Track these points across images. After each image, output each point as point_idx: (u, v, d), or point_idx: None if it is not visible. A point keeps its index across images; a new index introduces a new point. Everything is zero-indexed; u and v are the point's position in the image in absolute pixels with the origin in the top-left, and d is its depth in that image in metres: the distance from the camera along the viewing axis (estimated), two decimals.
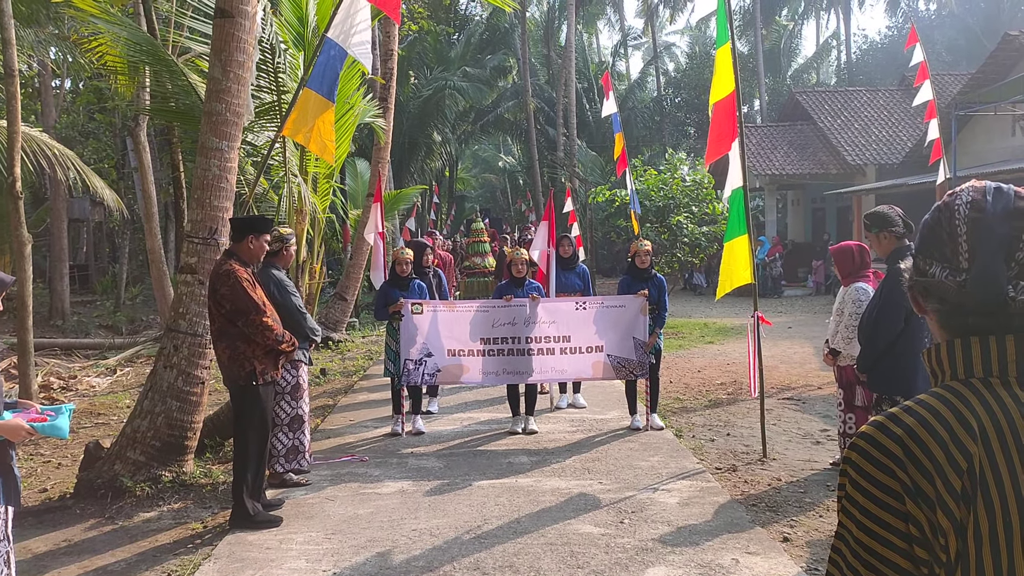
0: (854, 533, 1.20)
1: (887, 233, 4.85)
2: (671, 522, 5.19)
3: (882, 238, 4.88)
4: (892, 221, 4.85)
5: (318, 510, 5.62)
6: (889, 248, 4.87)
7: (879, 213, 4.92)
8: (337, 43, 6.63)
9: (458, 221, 42.33)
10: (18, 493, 3.58)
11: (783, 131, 26.39)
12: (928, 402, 1.21)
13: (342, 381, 10.92)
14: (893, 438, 1.18)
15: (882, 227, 4.87)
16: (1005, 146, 18.18)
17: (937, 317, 1.28)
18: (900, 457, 1.17)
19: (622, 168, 12.12)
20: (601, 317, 7.66)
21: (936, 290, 1.26)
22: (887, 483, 1.17)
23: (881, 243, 4.90)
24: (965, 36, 36.83)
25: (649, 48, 45.94)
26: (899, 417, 1.21)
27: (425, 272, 8.60)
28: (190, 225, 6.37)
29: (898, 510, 1.16)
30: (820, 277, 23.47)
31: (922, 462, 1.15)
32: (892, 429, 1.19)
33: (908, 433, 1.18)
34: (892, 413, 1.22)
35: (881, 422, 1.22)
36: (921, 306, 1.32)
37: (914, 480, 1.15)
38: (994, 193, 1.26)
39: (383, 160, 13.80)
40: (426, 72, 32.31)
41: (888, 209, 4.97)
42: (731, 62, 6.80)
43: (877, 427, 1.22)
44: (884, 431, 1.20)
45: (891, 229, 4.84)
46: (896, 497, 1.16)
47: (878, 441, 1.20)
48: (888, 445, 1.18)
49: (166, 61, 8.80)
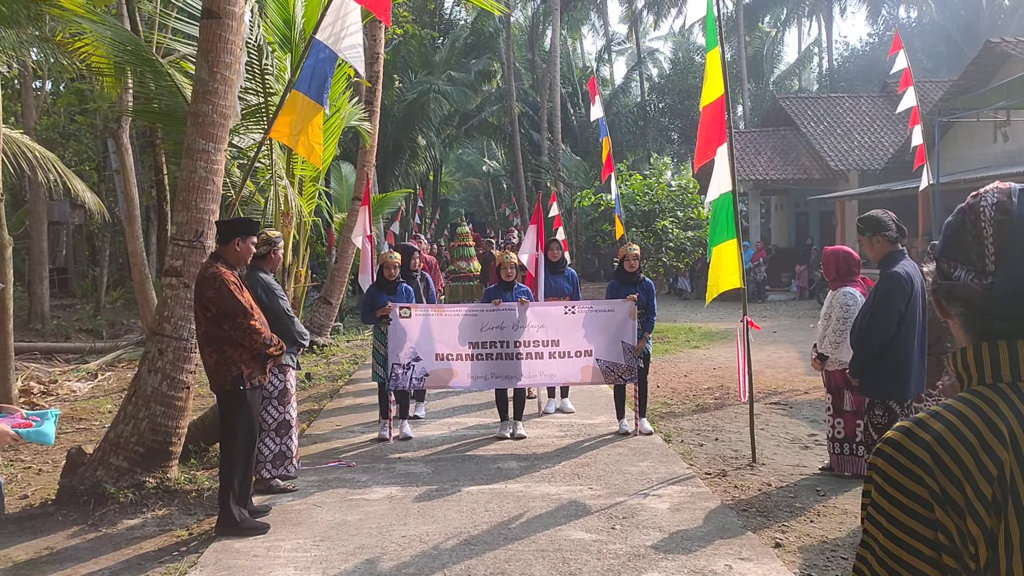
0: (880, 541, 1.17)
1: (880, 237, 4.86)
2: (663, 528, 5.16)
3: (875, 242, 4.89)
4: (885, 225, 4.86)
5: (306, 516, 5.55)
6: (882, 252, 4.88)
7: (873, 217, 4.92)
8: (326, 45, 6.57)
9: (442, 225, 42.23)
10: (1, 499, 3.50)
11: (767, 136, 26.53)
12: (956, 407, 1.18)
13: (327, 386, 10.84)
14: (921, 444, 1.15)
15: (875, 231, 4.87)
16: (987, 152, 18.34)
17: (962, 321, 1.25)
18: (929, 464, 1.14)
19: (608, 172, 12.15)
20: (590, 321, 7.64)
21: (961, 293, 1.23)
22: (915, 490, 1.14)
23: (874, 247, 4.91)
24: (945, 43, 37.17)
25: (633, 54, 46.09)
26: (927, 423, 1.18)
27: (413, 276, 8.55)
28: (175, 228, 6.29)
29: (927, 518, 1.13)
30: (803, 282, 23.58)
31: (951, 469, 1.12)
32: (920, 435, 1.16)
33: (937, 439, 1.15)
34: (919, 419, 1.19)
35: (908, 428, 1.19)
36: (944, 309, 1.29)
37: (943, 487, 1.12)
38: (1019, 195, 1.23)
39: (369, 163, 13.73)
40: (411, 76, 32.24)
41: (882, 213, 4.98)
42: (721, 66, 6.80)
43: (904, 433, 1.18)
44: (912, 437, 1.17)
45: (884, 233, 4.84)
46: (925, 505, 1.13)
47: (905, 447, 1.16)
48: (916, 451, 1.15)
49: (151, 61, 8.70)
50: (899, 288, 4.69)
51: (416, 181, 33.96)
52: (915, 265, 4.97)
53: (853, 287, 6.12)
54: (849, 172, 23.94)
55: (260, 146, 6.64)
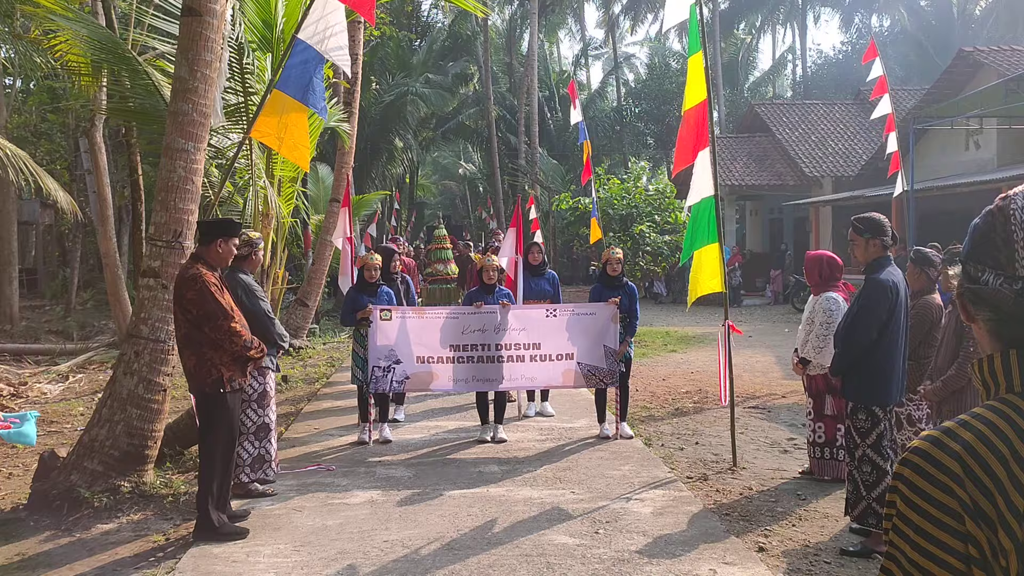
0: (908, 555, 1.14)
1: (876, 241, 4.82)
2: (646, 532, 5.15)
3: (870, 245, 4.84)
4: (884, 230, 4.82)
5: (285, 521, 5.48)
6: (872, 256, 4.87)
7: (874, 219, 4.86)
8: (310, 45, 6.51)
9: (418, 228, 42.11)
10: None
11: (742, 143, 26.73)
12: (986, 416, 1.16)
13: (305, 388, 10.73)
14: (951, 454, 1.13)
15: (875, 234, 4.82)
16: (959, 160, 18.61)
17: (989, 327, 1.23)
18: (959, 474, 1.11)
19: (587, 176, 12.17)
20: (572, 324, 7.62)
21: (989, 298, 1.21)
22: (945, 502, 1.11)
23: (868, 249, 4.86)
24: (917, 52, 37.69)
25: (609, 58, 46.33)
26: (955, 432, 1.15)
27: (393, 278, 8.49)
28: (154, 228, 6.18)
29: (956, 530, 1.10)
30: (778, 286, 23.78)
31: (982, 480, 1.10)
32: (949, 444, 1.14)
33: (966, 449, 1.12)
34: (947, 428, 1.17)
35: (937, 437, 1.16)
36: (970, 314, 1.27)
37: (974, 499, 1.09)
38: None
39: (347, 165, 13.63)
40: (388, 78, 32.16)
41: (881, 217, 4.93)
42: (703, 70, 6.82)
43: (932, 442, 1.16)
44: (940, 447, 1.14)
45: (881, 238, 4.82)
46: (955, 517, 1.10)
47: (934, 457, 1.14)
48: (945, 461, 1.13)
49: (128, 59, 8.57)
50: (883, 296, 4.69)
51: (393, 183, 33.84)
52: (900, 273, 4.99)
53: (836, 292, 6.15)
54: (823, 178, 24.18)
55: (240, 146, 6.55)
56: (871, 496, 4.79)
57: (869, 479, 4.80)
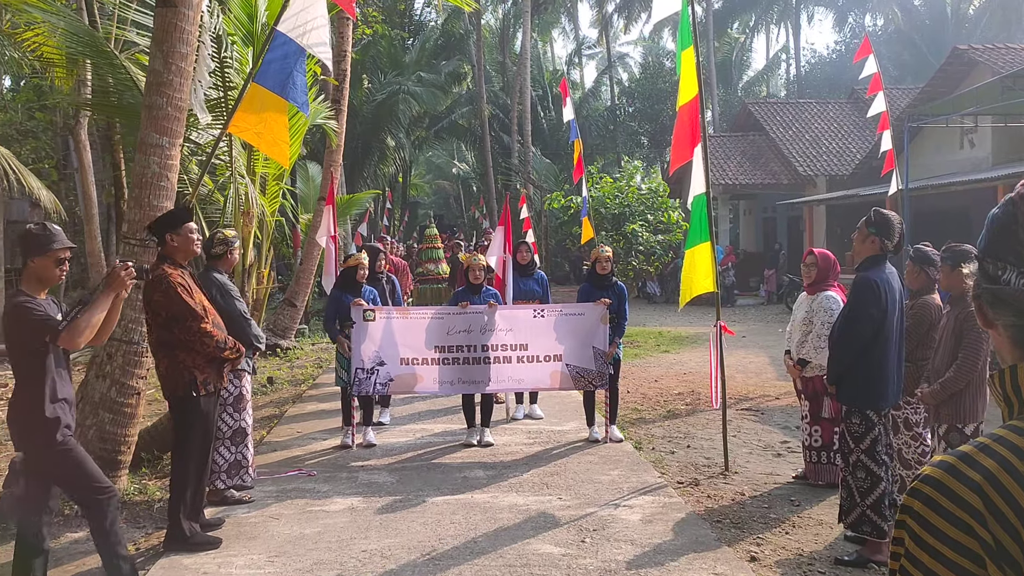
0: None
1: (875, 239, 4.65)
2: (635, 541, 4.97)
3: (868, 240, 4.69)
4: (890, 233, 4.65)
5: (261, 530, 5.28)
6: (866, 252, 4.71)
7: (887, 218, 4.66)
8: (290, 37, 6.31)
9: (411, 227, 41.89)
10: None
11: (736, 141, 26.59)
12: (1009, 439, 0.97)
13: (290, 390, 10.53)
14: (970, 485, 0.94)
15: (879, 231, 4.65)
16: (954, 159, 18.48)
17: (1011, 333, 1.04)
18: (980, 510, 0.93)
19: (578, 175, 12.00)
20: (560, 325, 7.44)
21: (1012, 300, 1.03)
22: (962, 541, 0.93)
23: (864, 244, 4.71)
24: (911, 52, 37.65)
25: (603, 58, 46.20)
26: (974, 458, 0.96)
27: (378, 278, 8.29)
28: (127, 225, 5.99)
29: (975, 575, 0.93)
30: (772, 286, 23.64)
31: (1007, 516, 0.91)
32: (967, 473, 0.95)
33: (988, 479, 0.94)
34: (964, 453, 0.98)
35: (952, 464, 0.98)
36: (989, 319, 1.09)
37: (997, 538, 0.91)
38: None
39: (335, 163, 13.44)
40: (380, 76, 31.89)
41: (897, 221, 4.74)
42: (695, 66, 6.66)
43: (947, 470, 0.97)
44: (957, 476, 0.96)
45: (882, 239, 4.66)
46: (975, 560, 0.92)
47: (950, 489, 0.95)
48: (964, 494, 0.94)
49: (106, 54, 8.36)
50: (872, 293, 4.54)
51: (385, 183, 33.63)
52: (894, 271, 4.83)
53: (834, 291, 6.02)
54: (817, 177, 24.06)
55: (217, 141, 6.35)
56: (865, 503, 4.62)
57: (863, 485, 4.63)
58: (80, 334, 4.03)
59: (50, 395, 4.09)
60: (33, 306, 4.02)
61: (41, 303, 4.09)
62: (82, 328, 4.03)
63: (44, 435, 4.06)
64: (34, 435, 4.07)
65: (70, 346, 4.06)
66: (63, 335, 3.99)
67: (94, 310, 4.10)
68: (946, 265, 4.92)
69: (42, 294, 4.14)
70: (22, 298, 4.04)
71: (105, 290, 4.22)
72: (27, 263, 4.12)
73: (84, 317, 4.04)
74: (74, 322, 4.03)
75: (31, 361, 4.06)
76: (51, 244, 4.11)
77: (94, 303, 4.14)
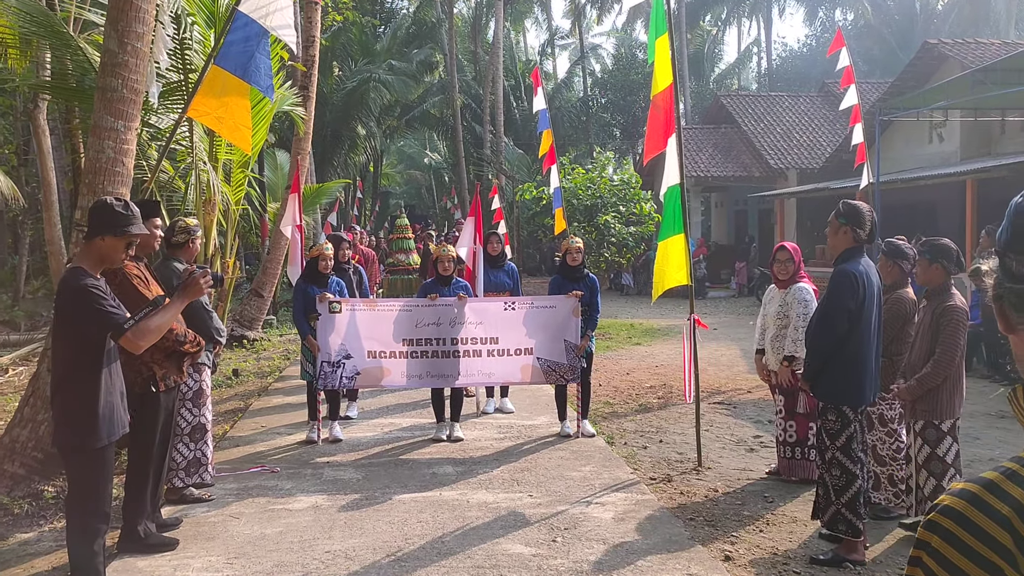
0: None
1: (848, 229, 4.55)
2: (607, 540, 4.85)
3: (841, 232, 4.59)
4: (861, 222, 4.54)
5: (220, 530, 5.09)
6: (842, 245, 4.61)
7: (856, 208, 4.55)
8: (252, 18, 6.09)
9: (382, 217, 41.50)
10: None
11: (708, 134, 26.59)
12: None
13: (256, 383, 10.29)
14: (997, 519, 0.80)
15: (850, 222, 4.54)
16: (923, 153, 18.58)
17: None
18: (1008, 547, 0.79)
19: (549, 164, 11.84)
20: (531, 318, 7.30)
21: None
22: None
23: (838, 236, 4.61)
24: (880, 46, 37.96)
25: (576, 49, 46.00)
26: (1001, 487, 0.82)
27: (344, 268, 8.09)
28: (80, 213, 5.74)
29: None
30: (743, 279, 23.71)
31: None
32: (994, 505, 0.81)
33: (1018, 511, 0.80)
34: (989, 481, 0.84)
35: (976, 494, 0.83)
36: (1011, 323, 0.95)
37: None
38: None
39: (303, 151, 13.18)
40: (351, 64, 31.52)
41: (867, 210, 4.64)
42: (669, 54, 6.52)
43: (971, 501, 0.83)
44: (983, 508, 0.82)
45: (855, 228, 4.54)
46: None
47: (973, 523, 0.81)
48: (990, 529, 0.80)
49: (62, 35, 8.06)
50: (849, 285, 4.45)
51: (356, 172, 33.24)
52: (872, 264, 4.74)
53: (805, 282, 5.95)
54: (788, 170, 24.12)
55: (176, 126, 6.11)
56: (840, 501, 4.53)
57: (839, 483, 4.54)
58: (145, 337, 3.82)
59: (105, 391, 3.88)
60: (101, 293, 3.78)
61: (108, 291, 3.86)
62: (150, 331, 3.83)
63: (90, 435, 3.83)
64: (79, 433, 3.83)
65: (133, 348, 3.85)
66: (128, 335, 3.77)
67: (166, 314, 3.91)
68: (924, 259, 4.85)
69: (99, 274, 3.90)
70: (89, 280, 3.78)
71: (181, 295, 4.04)
72: (95, 239, 3.86)
73: (154, 320, 3.84)
74: (143, 323, 3.81)
75: (86, 353, 3.83)
76: (130, 225, 3.88)
77: (166, 307, 3.96)
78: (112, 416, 3.94)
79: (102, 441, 3.88)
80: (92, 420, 3.83)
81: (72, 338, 3.83)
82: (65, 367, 3.87)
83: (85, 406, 3.82)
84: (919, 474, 4.85)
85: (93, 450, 3.87)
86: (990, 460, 6.55)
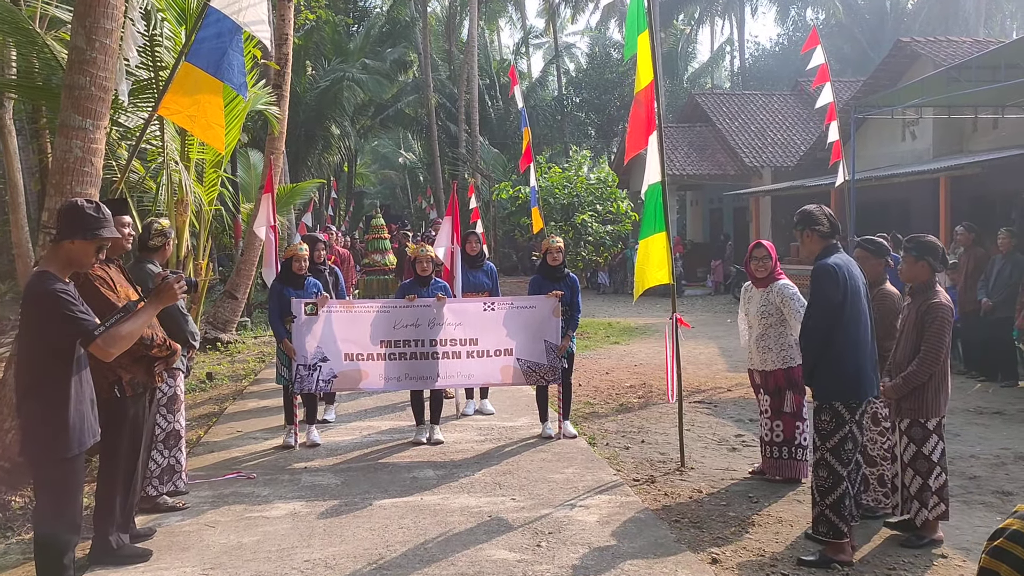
0: None
1: (810, 231, 4.64)
2: (591, 544, 4.77)
3: (806, 236, 4.67)
4: (816, 220, 4.67)
5: (195, 539, 4.95)
6: (816, 248, 4.65)
7: (805, 211, 4.76)
8: (225, 14, 5.95)
9: (356, 217, 41.22)
10: None
11: (683, 132, 26.65)
12: None
13: (230, 386, 10.11)
14: None
15: (807, 224, 4.65)
16: (895, 151, 18.73)
17: None
18: None
19: (526, 163, 11.76)
20: (510, 319, 7.21)
21: None
22: None
23: (807, 243, 4.68)
24: (851, 45, 38.37)
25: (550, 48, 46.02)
26: None
27: (320, 269, 7.95)
28: (47, 214, 5.57)
29: None
30: (719, 277, 23.79)
31: None
32: None
33: None
34: None
35: None
36: None
37: None
38: None
39: (277, 151, 13.00)
40: (324, 63, 31.22)
41: (815, 208, 4.74)
42: (650, 51, 6.46)
43: None
44: None
45: (815, 227, 4.64)
46: None
47: None
48: None
49: (28, 32, 7.84)
50: (830, 278, 4.43)
51: (330, 172, 32.96)
52: (850, 259, 4.73)
53: (783, 279, 5.95)
54: (763, 169, 24.25)
55: (147, 124, 5.95)
56: (825, 503, 4.49)
57: (824, 485, 4.50)
58: (116, 344, 3.67)
59: (75, 399, 3.72)
60: (70, 299, 3.63)
61: (77, 296, 3.70)
62: (121, 337, 3.67)
63: (59, 444, 3.67)
64: (48, 442, 3.67)
65: (103, 356, 3.69)
66: (98, 342, 3.61)
67: (137, 320, 3.75)
68: (910, 256, 4.82)
69: (67, 278, 3.74)
70: (57, 285, 3.62)
71: (153, 301, 3.90)
72: (64, 242, 3.70)
73: (125, 326, 3.68)
74: (113, 330, 3.65)
75: (54, 360, 3.68)
76: (101, 228, 3.72)
77: (138, 313, 3.79)
78: (82, 425, 3.80)
79: (72, 451, 3.74)
80: (62, 429, 3.69)
81: (39, 345, 3.69)
82: (32, 374, 3.72)
83: (54, 415, 3.68)
84: (904, 473, 4.82)
85: (62, 460, 3.73)
86: (971, 457, 6.55)
